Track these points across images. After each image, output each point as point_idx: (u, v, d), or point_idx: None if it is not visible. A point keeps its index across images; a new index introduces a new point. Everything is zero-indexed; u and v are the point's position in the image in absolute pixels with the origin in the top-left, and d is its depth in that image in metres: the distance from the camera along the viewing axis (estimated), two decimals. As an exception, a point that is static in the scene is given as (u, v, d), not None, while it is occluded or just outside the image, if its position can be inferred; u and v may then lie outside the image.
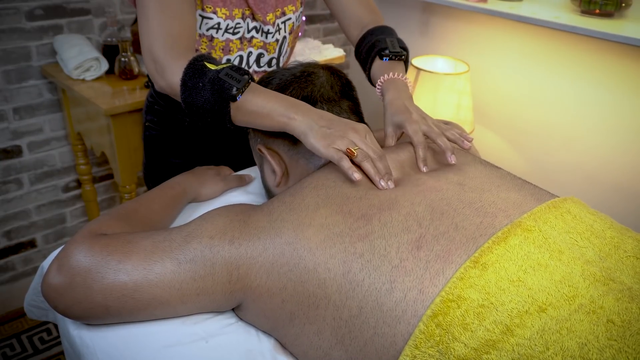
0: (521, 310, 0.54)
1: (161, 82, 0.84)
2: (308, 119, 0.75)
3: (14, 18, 1.56)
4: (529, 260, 0.59)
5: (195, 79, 0.78)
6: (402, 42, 1.03)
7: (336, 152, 0.72)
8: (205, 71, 0.78)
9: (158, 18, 0.86)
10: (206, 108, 0.78)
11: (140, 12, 0.88)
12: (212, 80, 0.76)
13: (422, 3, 2.06)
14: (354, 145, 0.73)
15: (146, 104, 1.22)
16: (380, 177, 0.71)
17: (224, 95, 0.76)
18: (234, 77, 0.77)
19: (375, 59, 1.01)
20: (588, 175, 1.73)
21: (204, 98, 0.77)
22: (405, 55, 1.00)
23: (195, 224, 0.72)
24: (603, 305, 0.54)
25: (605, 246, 0.63)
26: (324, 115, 0.76)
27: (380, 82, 0.96)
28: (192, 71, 0.78)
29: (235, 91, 0.76)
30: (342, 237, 0.64)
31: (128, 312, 0.68)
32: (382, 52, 0.99)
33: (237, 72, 0.77)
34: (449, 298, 0.56)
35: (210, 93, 0.77)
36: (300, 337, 0.66)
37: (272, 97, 0.78)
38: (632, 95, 1.57)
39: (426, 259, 0.60)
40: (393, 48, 0.99)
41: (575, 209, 0.69)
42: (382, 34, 1.03)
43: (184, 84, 0.78)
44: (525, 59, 1.82)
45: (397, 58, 0.99)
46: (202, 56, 0.80)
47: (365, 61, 1.04)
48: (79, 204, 1.94)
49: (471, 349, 0.52)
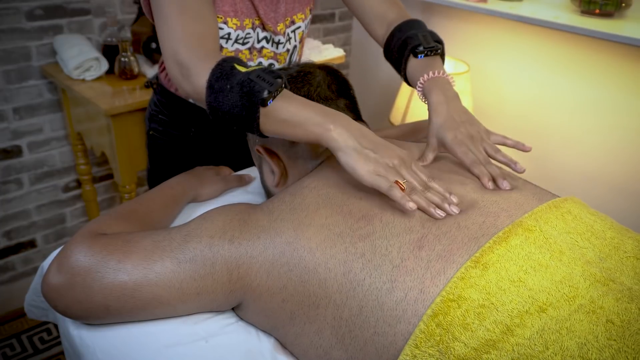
0: (521, 311, 0.54)
1: (187, 87, 0.77)
2: (348, 133, 0.68)
3: (14, 18, 1.56)
4: (529, 261, 0.59)
5: (223, 81, 0.70)
6: (435, 35, 0.95)
7: (384, 181, 0.65)
8: (235, 73, 0.70)
9: (180, 20, 0.79)
10: (233, 113, 0.70)
11: (158, 16, 0.82)
12: (242, 83, 0.69)
13: (422, 3, 2.06)
14: (401, 176, 0.68)
15: (150, 112, 1.21)
16: (433, 207, 0.65)
17: (254, 99, 0.68)
18: (266, 79, 0.69)
19: (409, 57, 0.92)
20: (588, 175, 1.73)
21: (232, 102, 0.69)
22: (441, 49, 0.93)
23: (195, 223, 0.72)
24: (603, 306, 0.54)
25: (605, 247, 0.63)
26: (367, 134, 0.69)
27: (420, 83, 0.87)
28: (219, 72, 0.71)
29: (266, 94, 0.67)
30: (343, 238, 0.64)
31: (128, 312, 0.68)
32: (416, 49, 0.91)
33: (270, 74, 0.70)
34: (450, 298, 0.56)
35: (238, 96, 0.69)
36: (300, 336, 0.66)
37: (308, 104, 0.71)
38: (632, 95, 1.57)
39: (427, 259, 0.60)
40: (427, 43, 0.91)
41: (576, 209, 0.69)
42: (411, 29, 0.95)
43: (210, 86, 0.71)
44: (525, 59, 1.82)
45: (433, 53, 0.91)
46: (231, 58, 0.73)
47: (399, 61, 0.95)
48: (79, 204, 1.94)
49: (471, 348, 0.52)
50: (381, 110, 2.36)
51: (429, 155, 0.80)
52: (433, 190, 0.69)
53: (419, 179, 0.69)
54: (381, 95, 2.38)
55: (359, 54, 2.44)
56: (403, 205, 0.63)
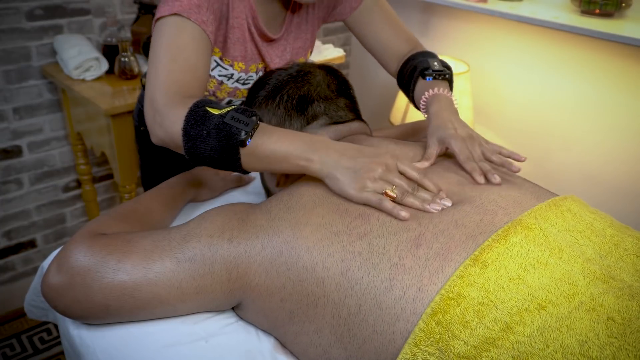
0: (521, 308, 0.54)
1: (160, 133, 0.76)
2: (328, 159, 0.69)
3: (14, 18, 1.56)
4: (529, 259, 0.59)
5: (198, 126, 0.70)
6: (445, 62, 0.98)
7: (373, 195, 0.66)
8: (209, 116, 0.70)
9: (168, 67, 0.79)
10: (214, 157, 0.71)
11: (151, 59, 0.81)
12: (217, 126, 0.69)
13: (422, 3, 2.06)
14: (388, 183, 0.68)
15: (139, 107, 1.22)
16: (428, 203, 0.66)
17: (232, 142, 0.68)
18: (241, 119, 0.69)
19: (418, 79, 0.96)
20: (588, 175, 1.73)
21: (210, 147, 0.70)
22: (449, 74, 0.96)
23: (194, 223, 0.72)
24: (603, 303, 0.54)
25: (605, 244, 0.63)
26: (346, 151, 0.70)
27: (424, 98, 0.90)
28: (193, 118, 0.70)
29: (244, 135, 0.68)
30: (340, 236, 0.64)
31: (128, 312, 0.68)
32: (424, 72, 0.94)
33: (244, 114, 0.70)
34: (449, 296, 0.56)
35: (216, 140, 0.69)
36: (299, 335, 0.66)
37: (285, 137, 0.71)
38: (632, 95, 1.57)
39: (425, 257, 0.60)
40: (435, 67, 0.95)
41: (576, 207, 0.69)
42: (423, 56, 0.99)
43: (186, 133, 0.71)
44: (525, 59, 1.82)
45: (441, 77, 0.94)
46: (202, 101, 0.73)
47: (408, 84, 0.99)
48: (79, 204, 1.94)
49: (471, 346, 0.52)
50: (381, 110, 2.36)
51: (431, 153, 0.80)
52: (423, 189, 0.70)
53: (407, 180, 0.70)
54: (381, 95, 2.38)
55: (359, 54, 2.44)
56: (396, 215, 0.64)
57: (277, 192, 0.85)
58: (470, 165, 0.75)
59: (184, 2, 0.81)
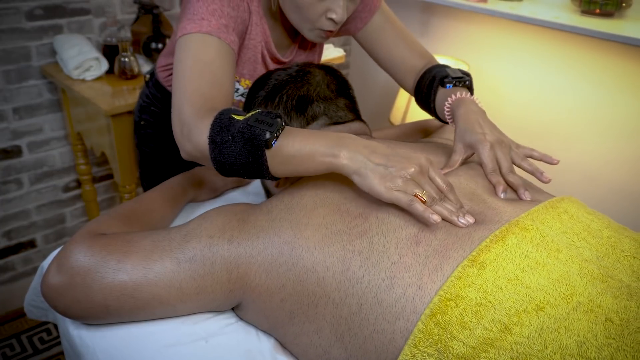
0: (519, 309, 0.54)
1: (187, 146, 0.75)
2: (357, 155, 0.66)
3: (14, 18, 1.56)
4: (526, 259, 0.59)
5: (224, 132, 0.69)
6: (464, 70, 0.96)
7: (403, 195, 0.63)
8: (234, 122, 0.69)
9: (195, 81, 0.78)
10: (240, 162, 0.69)
11: (177, 74, 0.80)
12: (242, 130, 0.67)
13: (422, 3, 2.06)
14: (419, 186, 0.65)
15: (140, 103, 1.23)
16: (456, 216, 0.64)
17: (257, 143, 0.66)
18: (265, 121, 0.68)
19: (438, 88, 0.93)
20: (587, 175, 1.73)
21: (236, 152, 0.68)
22: (469, 81, 0.93)
23: (194, 223, 0.72)
24: (601, 304, 0.54)
25: (602, 246, 0.63)
26: (376, 149, 0.67)
27: (447, 104, 0.87)
28: (219, 126, 0.69)
29: (269, 135, 0.66)
30: (340, 236, 0.64)
31: (128, 312, 0.68)
32: (444, 80, 0.91)
33: (268, 116, 0.69)
34: (447, 297, 0.56)
35: (241, 144, 0.67)
36: (299, 335, 0.66)
37: (311, 135, 0.69)
38: (632, 95, 1.57)
39: (425, 254, 0.60)
40: (454, 74, 0.92)
41: (573, 209, 0.69)
42: (439, 67, 0.96)
43: (212, 141, 0.69)
44: (525, 59, 1.81)
45: (461, 84, 0.91)
46: (227, 110, 0.72)
47: (428, 96, 0.95)
48: (79, 204, 1.94)
49: (470, 347, 0.52)
50: (381, 110, 2.36)
51: (455, 160, 0.77)
52: (448, 200, 0.67)
53: (436, 188, 0.67)
54: (381, 95, 2.38)
55: (359, 54, 2.44)
56: (426, 219, 0.61)
57: (277, 193, 0.85)
58: (495, 178, 0.73)
59: (212, 22, 0.80)
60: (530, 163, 0.77)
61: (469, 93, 0.90)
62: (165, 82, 1.14)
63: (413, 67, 1.03)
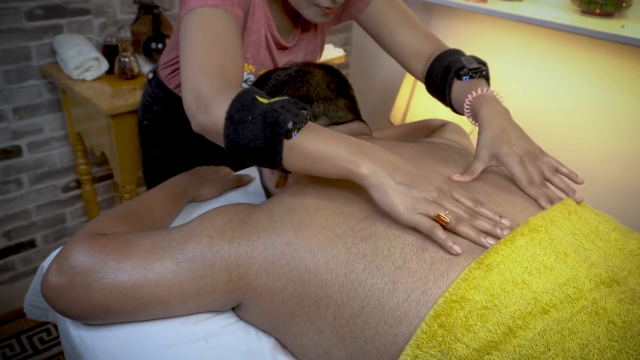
0: (524, 312, 0.54)
1: (202, 119, 0.71)
2: (380, 169, 0.63)
3: (14, 18, 1.56)
4: (534, 262, 0.59)
5: (244, 112, 0.65)
6: (478, 58, 0.91)
7: (425, 219, 0.60)
8: (257, 104, 0.65)
9: (209, 52, 0.76)
10: (254, 146, 0.65)
11: (186, 48, 0.78)
12: (265, 113, 0.64)
13: (422, 3, 2.05)
14: (442, 208, 0.62)
15: (144, 102, 1.23)
16: (484, 237, 0.61)
17: (278, 130, 0.63)
18: (291, 110, 0.64)
19: (453, 81, 0.88)
20: (587, 175, 1.73)
21: (253, 134, 0.64)
22: (486, 70, 0.89)
23: (194, 223, 0.72)
24: (605, 307, 0.54)
25: (610, 249, 0.63)
26: (399, 166, 0.64)
27: (468, 101, 0.83)
28: (240, 103, 0.66)
29: (291, 125, 0.63)
30: (344, 239, 0.64)
31: (128, 312, 0.68)
32: (459, 72, 0.87)
33: (295, 105, 0.65)
34: (453, 299, 0.55)
35: (260, 127, 0.63)
36: (300, 336, 0.66)
37: (335, 137, 0.65)
38: (632, 95, 1.57)
39: (431, 261, 0.60)
40: (470, 65, 0.87)
41: (580, 210, 0.69)
42: (452, 55, 0.92)
43: (230, 117, 0.65)
44: (525, 59, 1.81)
45: (478, 75, 0.87)
46: (252, 89, 0.68)
47: (443, 87, 0.90)
48: (79, 204, 1.94)
49: (473, 349, 0.52)
50: (381, 110, 2.36)
51: (477, 169, 0.74)
52: (481, 216, 0.64)
53: (463, 207, 0.64)
54: (381, 95, 2.38)
55: (359, 54, 2.44)
56: (448, 249, 0.59)
57: (276, 193, 0.85)
58: (535, 191, 0.70)
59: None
60: (562, 179, 0.73)
61: (487, 85, 0.87)
62: (167, 81, 1.14)
63: (418, 50, 1.00)
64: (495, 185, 0.73)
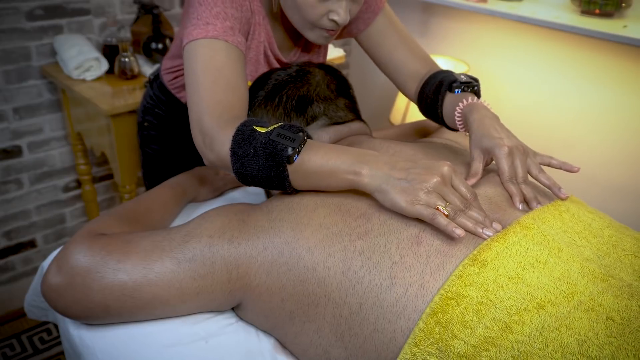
0: (520, 308, 0.54)
1: (210, 156, 0.76)
2: (378, 172, 0.66)
3: (14, 18, 1.56)
4: (527, 257, 0.59)
5: (246, 145, 0.70)
6: (471, 75, 0.93)
7: (425, 209, 0.62)
8: (256, 135, 0.70)
9: (211, 89, 0.78)
10: (262, 176, 0.70)
11: (190, 83, 0.81)
12: (264, 144, 0.68)
13: (422, 3, 2.06)
14: (441, 198, 0.64)
15: (144, 104, 1.23)
16: (481, 227, 0.63)
17: (279, 159, 0.68)
18: (288, 136, 0.68)
19: (446, 94, 0.90)
20: (588, 175, 1.73)
21: (258, 165, 0.69)
22: (477, 86, 0.91)
23: (194, 223, 0.72)
24: (602, 303, 0.54)
25: (603, 245, 0.64)
26: (396, 164, 0.67)
27: (459, 109, 0.84)
28: (240, 138, 0.70)
29: (290, 151, 0.67)
30: (341, 236, 0.64)
31: (128, 312, 0.68)
32: (452, 85, 0.89)
33: (290, 130, 0.69)
34: (448, 296, 0.56)
35: (263, 159, 0.69)
36: (300, 335, 0.66)
37: (333, 151, 0.69)
38: (632, 95, 1.57)
39: (426, 254, 0.60)
40: (462, 79, 0.90)
41: (574, 208, 0.69)
42: (444, 73, 0.94)
43: (234, 153, 0.71)
44: (525, 59, 1.82)
45: (470, 89, 0.89)
46: (249, 121, 0.72)
47: (435, 101, 0.91)
48: (79, 204, 1.94)
49: (470, 346, 0.52)
50: (381, 110, 2.36)
51: (477, 168, 0.75)
52: (473, 207, 0.66)
53: (461, 197, 0.66)
54: (381, 95, 2.38)
55: (359, 54, 2.44)
56: (450, 233, 0.60)
57: (276, 193, 0.85)
58: (512, 188, 0.71)
59: (217, 26, 0.80)
60: (548, 177, 0.74)
61: (478, 99, 0.88)
62: (170, 86, 1.14)
63: (414, 72, 1.01)
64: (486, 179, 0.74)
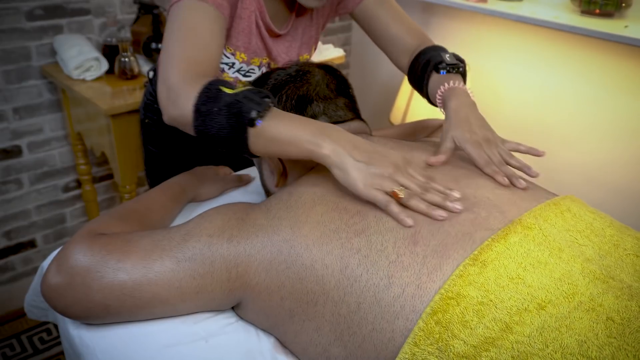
0: (520, 308, 0.54)
1: (173, 112, 0.75)
2: (340, 148, 0.67)
3: (14, 18, 1.56)
4: (528, 258, 0.59)
5: (210, 104, 0.70)
6: (458, 56, 0.97)
7: (380, 194, 0.65)
8: (222, 95, 0.70)
9: (181, 45, 0.79)
10: (221, 136, 0.70)
11: (165, 39, 0.82)
12: (229, 105, 0.68)
13: (422, 3, 2.06)
14: (397, 183, 0.66)
15: (145, 101, 1.24)
16: (434, 209, 0.64)
17: (242, 120, 0.67)
18: (254, 99, 0.68)
19: (431, 74, 0.94)
20: (588, 175, 1.73)
21: (220, 124, 0.69)
22: (463, 67, 0.95)
23: (194, 222, 0.72)
24: (602, 303, 0.54)
25: (604, 244, 0.64)
26: (359, 144, 0.68)
27: (440, 92, 0.88)
28: (206, 96, 0.70)
29: (254, 114, 0.67)
30: (339, 234, 0.64)
31: (128, 311, 0.68)
32: (438, 66, 0.93)
33: (257, 94, 0.70)
34: (448, 295, 0.56)
35: (226, 118, 0.68)
36: (299, 334, 0.66)
37: (297, 121, 0.70)
38: (632, 95, 1.57)
39: (423, 254, 0.60)
40: (449, 60, 0.93)
41: (575, 207, 0.69)
42: (434, 51, 0.98)
43: (197, 109, 0.70)
44: (525, 59, 1.82)
45: (455, 70, 0.93)
46: (216, 81, 0.72)
47: (422, 79, 0.96)
48: (79, 204, 1.94)
49: (470, 346, 0.52)
50: (381, 110, 2.36)
51: (448, 147, 0.78)
52: (433, 190, 0.68)
53: (417, 181, 0.68)
54: (381, 95, 2.38)
55: (359, 54, 2.44)
56: (401, 221, 0.63)
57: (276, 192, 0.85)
58: (490, 169, 0.74)
59: None
60: (518, 160, 0.78)
61: (462, 81, 0.92)
62: None
63: (407, 46, 1.05)
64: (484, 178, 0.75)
